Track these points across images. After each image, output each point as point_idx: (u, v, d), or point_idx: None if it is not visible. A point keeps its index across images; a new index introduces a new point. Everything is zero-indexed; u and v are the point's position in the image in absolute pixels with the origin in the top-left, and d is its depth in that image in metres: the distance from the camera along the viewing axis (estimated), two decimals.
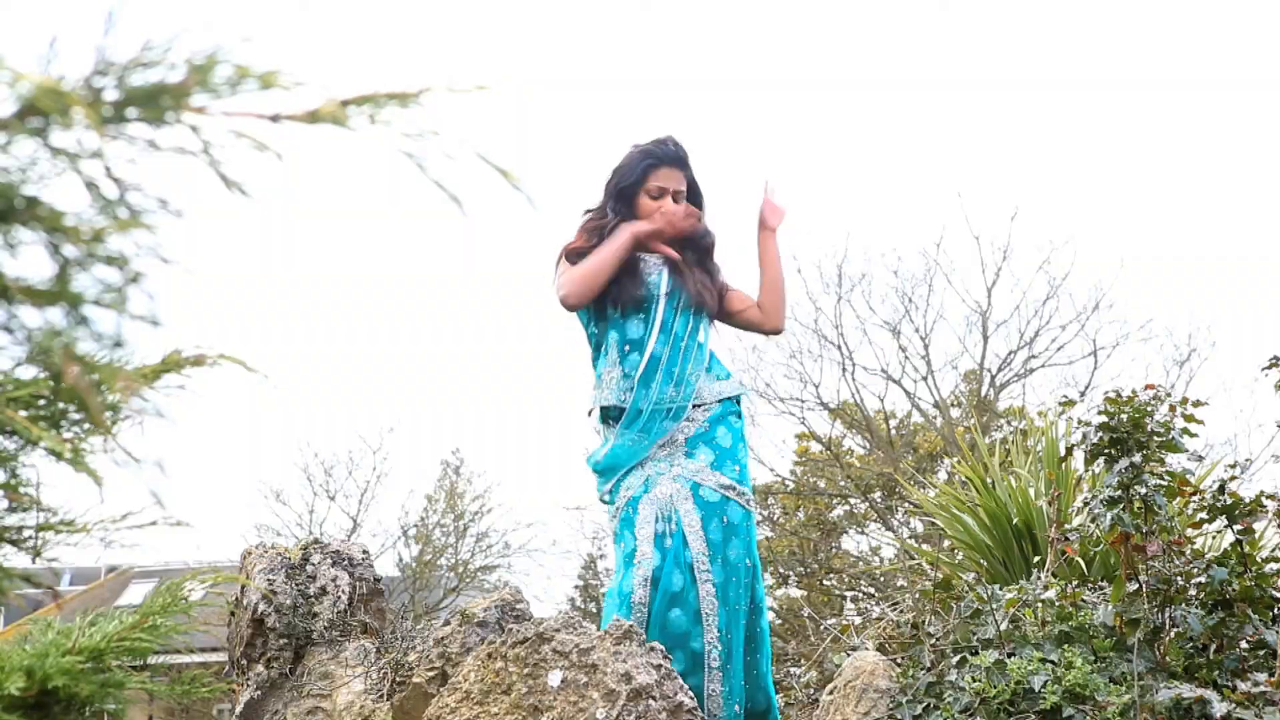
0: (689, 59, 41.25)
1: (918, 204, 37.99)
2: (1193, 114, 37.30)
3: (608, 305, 5.13)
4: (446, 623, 4.83)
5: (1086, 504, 4.32)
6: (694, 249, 5.22)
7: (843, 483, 25.76)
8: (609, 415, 5.16)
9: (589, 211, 5.28)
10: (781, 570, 25.85)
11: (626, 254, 5.08)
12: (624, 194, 5.18)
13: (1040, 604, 4.48)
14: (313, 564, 5.27)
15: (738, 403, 5.21)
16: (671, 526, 4.92)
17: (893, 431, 25.98)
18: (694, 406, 5.10)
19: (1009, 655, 4.21)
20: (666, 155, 5.18)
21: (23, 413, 1.63)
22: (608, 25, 41.20)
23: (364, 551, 5.46)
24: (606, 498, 5.12)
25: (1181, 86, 38.35)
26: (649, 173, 5.16)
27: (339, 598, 5.22)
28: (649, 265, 5.19)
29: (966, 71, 38.86)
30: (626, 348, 5.11)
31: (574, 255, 5.18)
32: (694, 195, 5.25)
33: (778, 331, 5.41)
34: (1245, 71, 36.36)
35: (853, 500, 25.87)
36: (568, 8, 41.76)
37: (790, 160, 40.24)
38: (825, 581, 25.95)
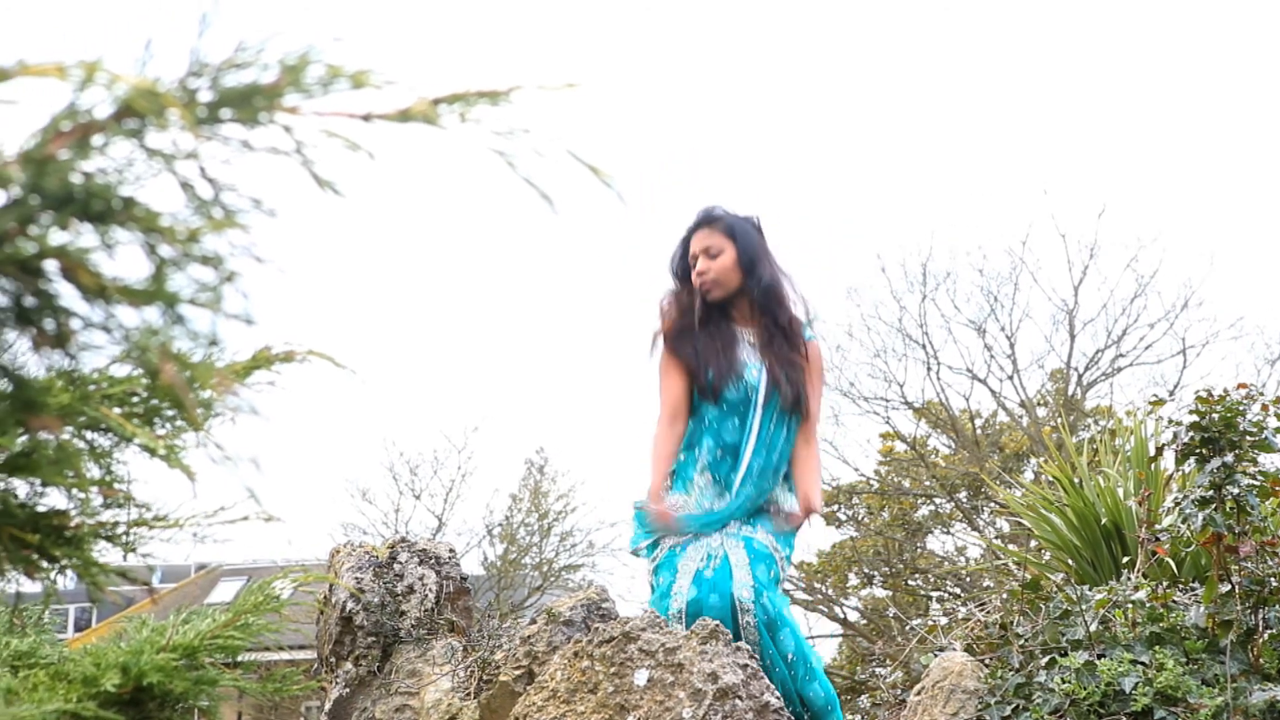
0: (771, 57, 41.18)
1: (1003, 202, 37.77)
2: None
3: (707, 392, 5.13)
4: (533, 621, 4.84)
5: (1177, 504, 4.28)
6: (778, 330, 5.20)
7: (927, 482, 25.64)
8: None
9: (667, 294, 5.32)
10: (866, 570, 25.76)
11: None
12: (680, 274, 5.30)
13: (1130, 605, 4.44)
14: (400, 562, 5.30)
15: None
16: (716, 562, 4.89)
17: (978, 431, 25.82)
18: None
19: (1099, 656, 4.17)
20: (690, 225, 5.30)
21: (116, 410, 1.65)
22: (686, 27, 41.19)
23: (450, 550, 5.48)
24: (643, 552, 5.11)
25: (1270, 81, 37.84)
26: (686, 247, 5.28)
27: (426, 596, 5.25)
28: (747, 353, 5.19)
29: (1053, 68, 38.56)
30: (720, 452, 5.11)
31: (670, 336, 5.21)
32: (740, 237, 5.23)
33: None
34: None
35: (938, 500, 25.74)
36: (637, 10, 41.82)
37: (875, 158, 40.10)
38: (910, 581, 25.84)
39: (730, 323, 5.22)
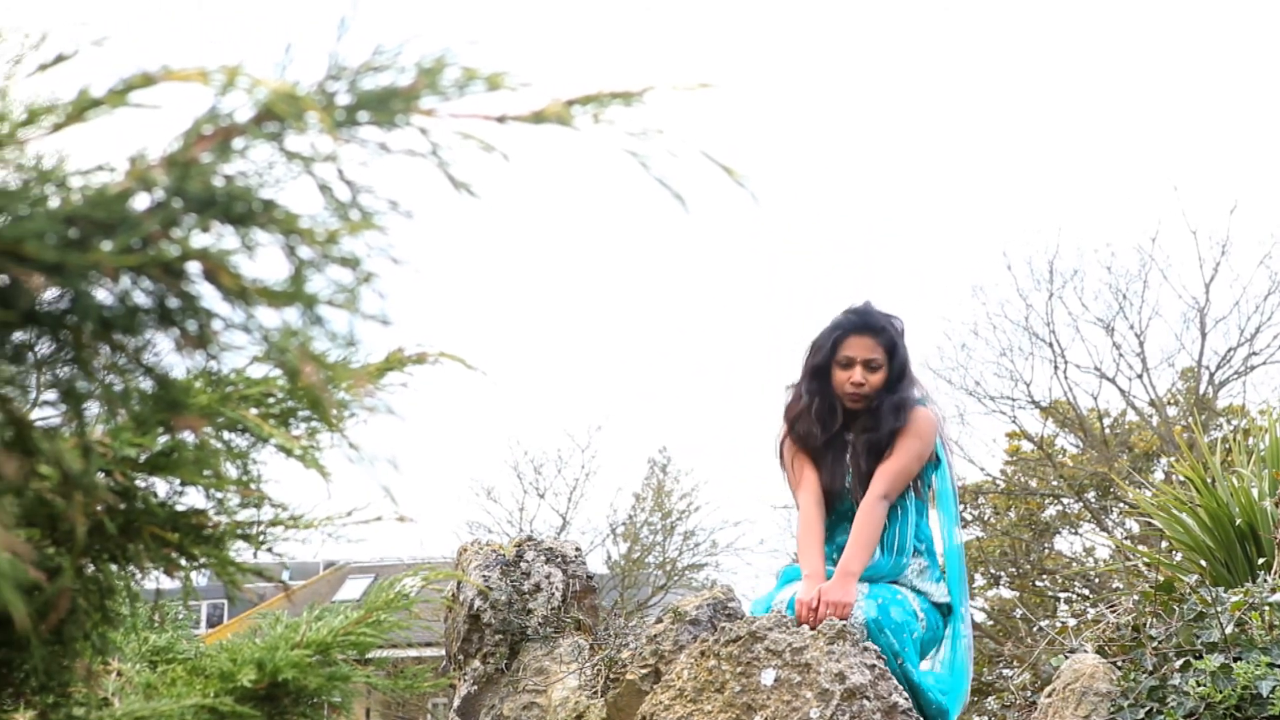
0: (897, 54, 40.96)
1: (1132, 198, 37.24)
2: None
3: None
4: (659, 620, 4.85)
5: None
6: (874, 438, 5.04)
7: (1055, 482, 25.32)
8: None
9: (790, 386, 5.17)
10: (993, 571, 25.52)
11: None
12: (819, 371, 5.04)
13: (1267, 607, 4.36)
14: (527, 561, 5.33)
15: None
16: None
17: (1107, 430, 25.47)
18: None
19: (1235, 659, 4.10)
20: (851, 324, 5.02)
21: (253, 410, 1.67)
22: (813, 23, 41.06)
23: (576, 549, 5.50)
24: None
25: None
26: (839, 344, 5.00)
27: (553, 594, 5.27)
28: (849, 459, 5.07)
29: (1185, 62, 37.96)
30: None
31: (805, 449, 5.08)
32: (894, 357, 5.05)
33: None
34: None
35: (1065, 500, 25.41)
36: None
37: (1002, 154, 39.74)
38: (1038, 582, 25.55)
39: (845, 431, 5.08)
